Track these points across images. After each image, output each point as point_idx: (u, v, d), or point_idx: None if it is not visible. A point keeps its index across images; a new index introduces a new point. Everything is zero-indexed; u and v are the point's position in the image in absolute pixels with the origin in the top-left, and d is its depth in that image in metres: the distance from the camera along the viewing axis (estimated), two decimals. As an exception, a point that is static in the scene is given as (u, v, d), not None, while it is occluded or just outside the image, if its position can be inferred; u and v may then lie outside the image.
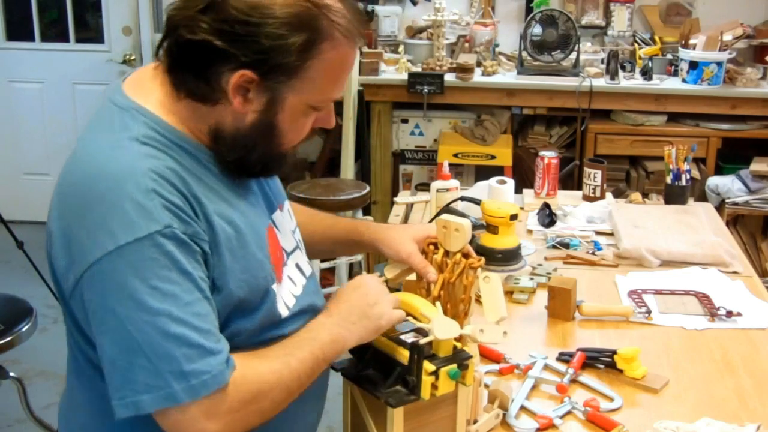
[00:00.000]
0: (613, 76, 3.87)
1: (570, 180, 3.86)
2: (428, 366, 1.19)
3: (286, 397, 1.12)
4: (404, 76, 3.97)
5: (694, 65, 3.81)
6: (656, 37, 4.17)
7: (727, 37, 3.81)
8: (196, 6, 1.08)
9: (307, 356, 1.14)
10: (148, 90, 1.14)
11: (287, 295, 1.24)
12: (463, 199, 2.15)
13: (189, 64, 1.09)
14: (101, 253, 1.02)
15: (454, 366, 1.21)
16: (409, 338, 1.26)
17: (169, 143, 1.10)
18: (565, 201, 2.49)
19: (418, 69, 4.05)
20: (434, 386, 1.20)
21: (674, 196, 2.44)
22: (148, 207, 1.02)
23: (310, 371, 1.15)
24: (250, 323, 1.15)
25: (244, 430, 1.09)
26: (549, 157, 2.52)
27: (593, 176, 2.49)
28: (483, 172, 3.82)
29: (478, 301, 1.41)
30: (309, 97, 1.13)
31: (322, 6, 1.09)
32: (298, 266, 1.30)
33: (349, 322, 1.21)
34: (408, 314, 1.32)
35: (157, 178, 1.04)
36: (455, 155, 3.90)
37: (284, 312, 1.22)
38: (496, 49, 4.20)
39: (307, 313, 1.27)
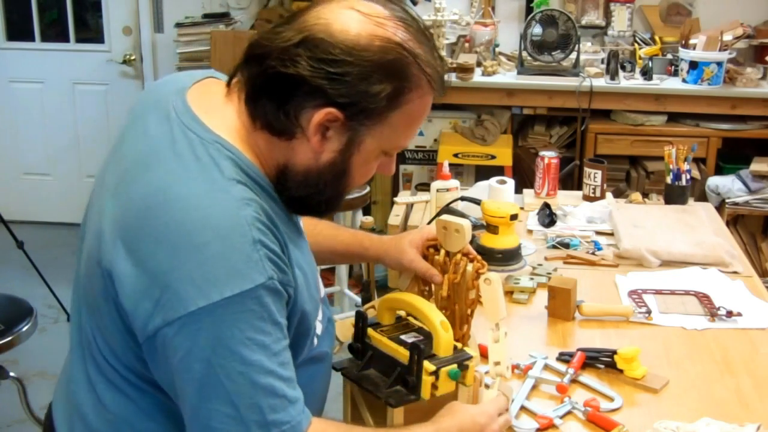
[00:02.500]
0: (613, 76, 3.87)
1: (570, 180, 3.86)
2: (428, 366, 1.19)
3: None
4: (404, 76, 3.96)
5: (694, 65, 3.81)
6: (656, 37, 4.17)
7: (727, 37, 3.81)
8: (290, 39, 1.06)
9: None
10: (222, 117, 1.12)
11: (319, 315, 1.25)
12: (463, 199, 2.15)
13: (273, 95, 1.07)
14: (205, 302, 1.00)
15: (454, 366, 1.21)
16: (409, 338, 1.26)
17: (253, 183, 1.08)
18: (565, 201, 2.49)
19: (418, 69, 4.04)
20: (434, 386, 1.20)
21: (674, 196, 2.44)
22: (254, 259, 1.01)
23: None
24: (296, 359, 1.13)
25: None
26: (549, 157, 2.52)
27: (593, 176, 2.49)
28: (483, 172, 3.82)
29: (479, 301, 1.41)
30: (386, 143, 1.13)
31: (416, 56, 1.09)
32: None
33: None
34: (408, 314, 1.33)
35: (262, 227, 1.03)
36: (455, 155, 3.90)
37: (316, 341, 1.22)
38: (496, 49, 4.20)
39: (330, 327, 1.28)
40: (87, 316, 1.16)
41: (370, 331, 1.29)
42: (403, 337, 1.27)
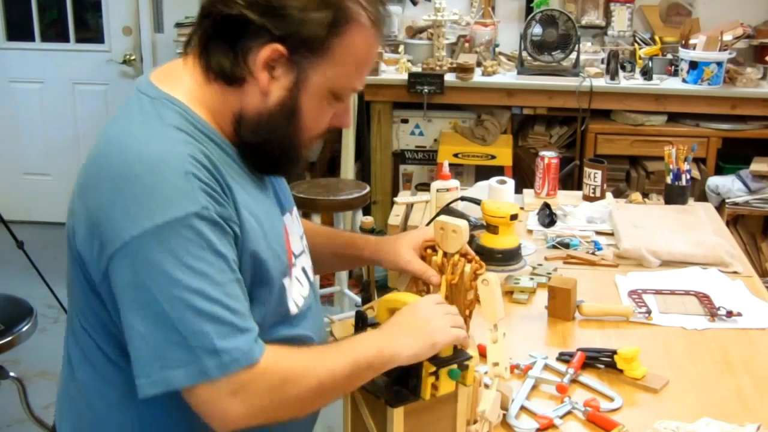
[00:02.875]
0: (613, 76, 3.87)
1: (570, 180, 3.86)
2: (428, 366, 1.19)
3: (317, 392, 1.12)
4: (404, 76, 3.96)
5: (694, 65, 3.81)
6: (656, 37, 4.17)
7: (727, 37, 3.81)
8: None
9: (347, 360, 1.13)
10: (177, 80, 1.17)
11: (296, 293, 1.26)
12: (463, 199, 2.15)
13: (222, 41, 1.12)
14: (137, 231, 1.03)
15: (454, 366, 1.21)
16: None
17: (199, 133, 1.12)
18: (565, 201, 2.49)
19: (418, 69, 4.05)
20: (434, 386, 1.20)
21: (674, 196, 2.44)
22: (186, 189, 1.05)
23: (349, 375, 1.14)
24: (260, 315, 1.15)
25: (269, 418, 1.09)
26: (549, 157, 2.52)
27: (593, 176, 2.49)
28: (483, 172, 3.82)
29: (477, 301, 1.41)
30: (332, 81, 1.15)
31: None
32: (304, 270, 1.32)
33: (400, 335, 1.19)
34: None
35: (195, 163, 1.07)
36: (455, 155, 3.90)
37: (294, 309, 1.23)
38: (496, 49, 4.20)
39: (315, 315, 1.28)
40: (68, 292, 1.20)
41: (369, 331, 1.29)
42: None
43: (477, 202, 2.01)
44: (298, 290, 1.27)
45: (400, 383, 1.21)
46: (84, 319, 1.17)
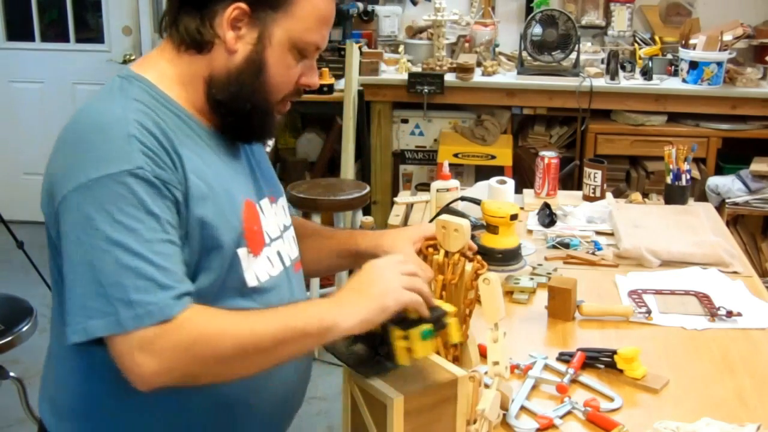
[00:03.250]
0: (613, 76, 3.87)
1: (570, 180, 3.86)
2: (396, 330, 1.17)
3: (237, 355, 1.11)
4: (404, 76, 3.97)
5: (694, 65, 3.81)
6: (656, 37, 4.17)
7: (727, 37, 3.81)
8: None
9: (278, 326, 1.13)
10: (150, 62, 1.25)
11: (261, 270, 1.27)
12: (463, 199, 2.15)
13: (190, 10, 1.20)
14: (74, 185, 1.09)
15: (426, 326, 1.18)
16: None
17: (161, 106, 1.19)
18: (565, 201, 2.49)
19: (418, 69, 4.05)
20: (409, 350, 1.17)
21: (674, 196, 2.44)
22: (125, 149, 1.11)
23: (280, 341, 1.13)
24: (209, 280, 1.18)
25: (184, 376, 1.10)
26: (549, 157, 2.52)
27: (593, 176, 2.49)
28: (483, 172, 3.82)
29: (477, 301, 1.41)
30: (294, 35, 1.21)
31: None
32: (279, 254, 1.33)
33: (345, 302, 1.18)
34: None
35: (140, 128, 1.13)
36: (455, 155, 3.90)
37: (252, 282, 1.25)
38: (496, 49, 4.20)
39: (282, 297, 1.30)
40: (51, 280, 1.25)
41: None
42: None
43: (477, 202, 2.01)
44: (264, 268, 1.28)
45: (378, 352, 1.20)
46: (61, 309, 1.19)
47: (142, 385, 1.08)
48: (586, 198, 2.50)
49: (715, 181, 3.81)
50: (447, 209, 2.08)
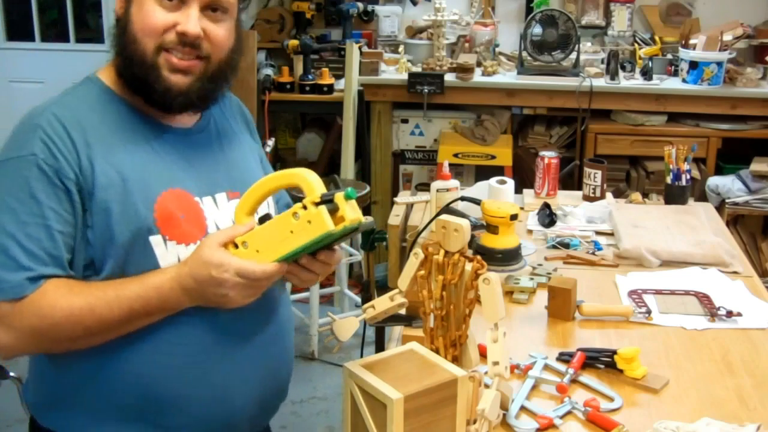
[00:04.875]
0: (613, 76, 3.87)
1: (570, 180, 3.86)
2: (306, 203, 1.21)
3: (84, 335, 1.22)
4: (404, 76, 3.96)
5: (694, 65, 3.81)
6: (656, 37, 4.17)
7: (727, 37, 3.81)
8: None
9: (123, 312, 1.22)
10: (112, 64, 1.34)
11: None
12: (463, 199, 2.15)
13: None
14: None
15: (346, 190, 1.22)
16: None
17: (105, 103, 1.30)
18: (565, 201, 2.49)
19: (418, 69, 4.05)
20: (336, 215, 1.22)
21: (674, 196, 2.44)
22: (27, 137, 1.23)
23: (125, 321, 1.24)
24: (115, 263, 1.24)
25: (38, 350, 1.27)
26: (549, 157, 2.52)
27: (593, 176, 2.49)
28: (483, 172, 3.82)
29: (477, 301, 1.41)
30: None
31: None
32: None
33: (191, 291, 1.24)
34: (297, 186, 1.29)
35: (52, 119, 1.24)
36: (455, 155, 3.90)
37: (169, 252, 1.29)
38: (496, 49, 4.20)
39: None
40: None
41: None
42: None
43: (477, 202, 2.01)
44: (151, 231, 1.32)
45: None
46: None
47: (1, 355, 1.21)
48: (586, 198, 2.50)
49: (715, 181, 3.81)
50: (447, 209, 2.07)
